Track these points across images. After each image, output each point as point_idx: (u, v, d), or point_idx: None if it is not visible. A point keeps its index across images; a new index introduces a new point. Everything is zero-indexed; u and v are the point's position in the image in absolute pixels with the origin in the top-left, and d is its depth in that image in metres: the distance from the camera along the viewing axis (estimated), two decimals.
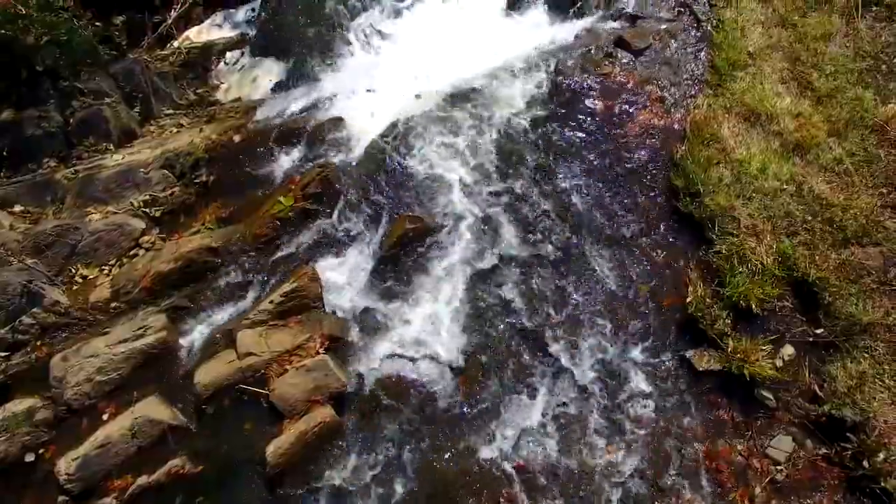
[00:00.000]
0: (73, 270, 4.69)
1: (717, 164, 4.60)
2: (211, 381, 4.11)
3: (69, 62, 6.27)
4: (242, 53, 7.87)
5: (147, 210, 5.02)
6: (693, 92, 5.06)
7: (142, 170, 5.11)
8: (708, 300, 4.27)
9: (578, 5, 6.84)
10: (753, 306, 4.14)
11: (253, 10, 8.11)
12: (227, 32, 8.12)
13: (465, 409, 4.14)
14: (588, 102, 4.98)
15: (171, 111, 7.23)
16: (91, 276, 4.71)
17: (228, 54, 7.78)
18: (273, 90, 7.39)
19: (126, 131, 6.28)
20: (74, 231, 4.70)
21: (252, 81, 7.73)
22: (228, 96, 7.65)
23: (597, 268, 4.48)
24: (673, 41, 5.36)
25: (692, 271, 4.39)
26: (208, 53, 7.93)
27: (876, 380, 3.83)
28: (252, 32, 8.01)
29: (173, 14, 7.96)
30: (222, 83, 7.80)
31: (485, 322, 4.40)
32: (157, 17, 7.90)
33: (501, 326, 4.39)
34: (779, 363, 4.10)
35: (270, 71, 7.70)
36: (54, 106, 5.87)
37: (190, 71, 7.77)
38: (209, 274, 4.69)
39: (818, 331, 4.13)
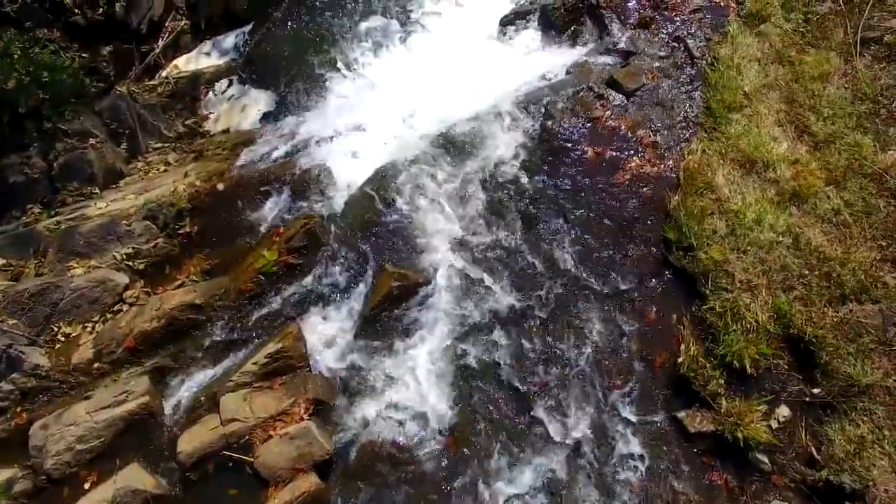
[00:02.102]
0: (56, 329, 4.62)
1: (711, 215, 4.47)
2: (194, 449, 4.05)
3: (53, 102, 6.18)
4: (231, 82, 7.77)
5: (130, 263, 4.94)
6: (687, 135, 4.92)
7: (124, 222, 5.02)
8: (701, 359, 4.16)
9: (572, 29, 6.71)
10: (748, 366, 4.03)
11: (241, 38, 7.98)
12: (216, 60, 8.01)
13: (452, 474, 4.06)
14: (578, 149, 4.85)
15: (159, 145, 7.15)
16: (74, 334, 4.64)
17: (217, 84, 7.67)
18: (262, 120, 7.32)
19: (111, 171, 6.21)
20: (56, 289, 4.63)
21: (241, 111, 7.63)
22: (217, 127, 7.56)
23: (587, 324, 4.38)
24: (666, 80, 5.21)
25: (684, 328, 4.28)
26: (197, 82, 7.82)
27: (876, 445, 3.71)
28: (240, 60, 7.91)
29: (161, 43, 7.86)
30: (211, 113, 7.70)
31: (472, 381, 4.31)
32: (145, 46, 7.78)
33: (489, 386, 4.30)
34: (774, 424, 4.00)
35: (258, 101, 7.61)
36: (37, 150, 5.79)
37: (178, 101, 7.68)
38: (193, 331, 4.62)
39: (815, 390, 4.02)
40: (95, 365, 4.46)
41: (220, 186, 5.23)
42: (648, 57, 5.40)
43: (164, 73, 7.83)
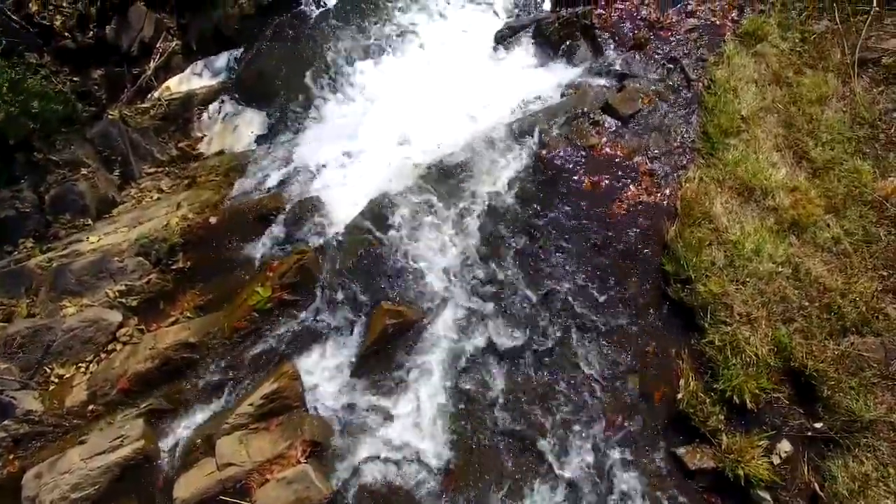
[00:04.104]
0: (49, 370, 4.57)
1: (710, 246, 4.42)
2: (191, 495, 4.00)
3: (44, 132, 6.12)
4: (223, 103, 7.70)
5: (123, 300, 4.88)
6: (684, 162, 4.85)
7: (116, 258, 4.97)
8: (700, 395, 4.11)
9: (567, 45, 6.63)
10: (748, 401, 3.99)
11: (233, 58, 7.91)
12: (208, 81, 7.93)
13: None
14: (574, 178, 4.78)
15: (152, 169, 7.09)
16: (68, 376, 4.59)
17: (210, 105, 7.60)
18: (256, 141, 7.26)
19: (104, 201, 6.15)
20: (48, 330, 4.58)
21: (234, 132, 7.57)
22: (211, 149, 7.50)
23: (584, 358, 4.33)
24: (662, 104, 5.14)
25: (683, 362, 4.23)
26: (189, 104, 7.75)
27: (880, 483, 3.67)
28: (233, 80, 7.84)
29: (153, 65, 7.79)
30: (204, 135, 7.64)
31: (470, 420, 4.27)
32: (137, 68, 7.72)
33: (487, 424, 4.25)
34: (776, 460, 3.95)
35: (252, 122, 7.54)
36: (28, 183, 5.73)
37: (171, 123, 7.61)
38: (188, 371, 4.57)
39: (817, 425, 3.97)
40: (90, 407, 4.41)
41: (213, 220, 5.17)
42: (644, 79, 5.32)
43: (156, 95, 7.76)
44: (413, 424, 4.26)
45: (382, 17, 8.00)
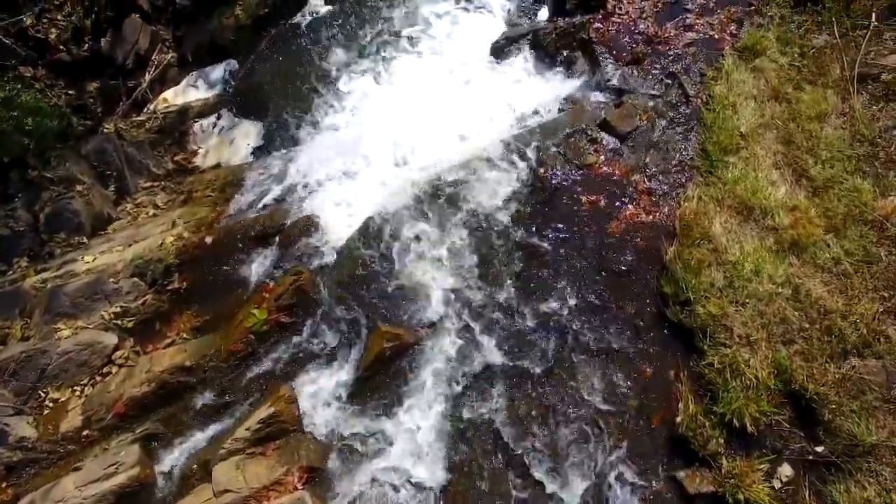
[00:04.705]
0: (43, 395, 4.54)
1: (709, 267, 4.38)
2: None
3: (38, 149, 6.07)
4: (220, 116, 7.65)
5: (119, 322, 4.85)
6: (682, 180, 4.81)
7: (111, 279, 4.93)
8: (700, 418, 4.08)
9: (564, 55, 6.58)
10: (748, 424, 3.95)
11: (229, 69, 7.86)
12: (204, 93, 7.88)
13: None
14: (572, 197, 4.74)
15: (148, 184, 7.04)
16: (62, 399, 4.56)
17: (205, 121, 7.55)
18: (252, 154, 7.22)
19: (99, 217, 6.10)
20: (43, 354, 4.55)
21: (230, 144, 7.52)
22: (207, 162, 7.44)
23: (583, 381, 4.29)
24: (661, 121, 5.09)
25: (683, 384, 4.19)
26: (185, 116, 7.70)
27: None
28: (229, 92, 7.79)
29: (148, 77, 7.74)
30: (200, 147, 7.58)
31: (468, 442, 4.23)
32: (132, 81, 7.66)
33: (485, 447, 4.22)
34: (776, 484, 3.92)
35: (248, 134, 7.49)
36: (22, 202, 5.69)
37: (167, 136, 7.56)
38: (184, 394, 4.54)
39: (818, 448, 3.94)
40: (84, 433, 4.39)
41: (209, 239, 5.13)
42: (642, 95, 5.28)
43: (151, 108, 7.70)
44: (411, 448, 4.23)
45: (378, 28, 7.96)
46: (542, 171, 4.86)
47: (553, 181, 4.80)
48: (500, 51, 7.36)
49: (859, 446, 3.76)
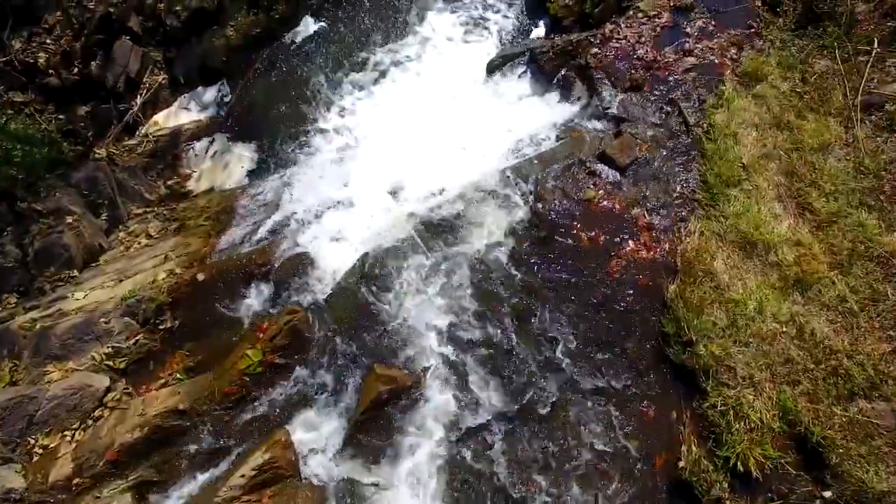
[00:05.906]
0: (33, 441, 4.43)
1: (711, 305, 4.29)
2: None
3: (27, 180, 5.96)
4: (213, 139, 7.53)
5: (110, 363, 4.75)
6: (683, 214, 4.71)
7: (102, 319, 4.82)
8: (703, 461, 4.00)
9: (561, 75, 6.48)
10: (752, 469, 3.87)
11: (221, 91, 7.75)
12: (196, 115, 7.77)
13: None
14: (571, 234, 4.64)
15: (140, 210, 6.93)
16: (52, 445, 4.45)
17: (198, 144, 7.44)
18: (246, 177, 7.12)
19: (90, 250, 5.99)
20: (31, 400, 4.44)
21: (224, 168, 7.42)
22: (200, 186, 7.34)
23: (583, 423, 4.20)
24: (661, 151, 4.99)
25: (685, 427, 4.11)
26: (178, 139, 7.59)
27: None
28: (222, 113, 7.69)
29: (139, 100, 7.62)
30: (194, 171, 7.48)
31: (466, 487, 4.14)
32: (123, 104, 7.55)
33: (484, 491, 4.12)
34: None
35: (242, 158, 7.38)
36: (11, 236, 5.58)
37: (159, 160, 7.45)
38: (178, 439, 4.43)
39: (826, 494, 3.84)
40: (75, 481, 4.28)
41: (201, 276, 5.03)
42: (641, 123, 5.18)
43: (143, 131, 7.60)
44: (409, 493, 4.14)
45: (372, 47, 7.85)
46: (540, 206, 4.76)
47: (552, 217, 4.70)
48: (495, 71, 7.26)
49: (868, 493, 3.69)
